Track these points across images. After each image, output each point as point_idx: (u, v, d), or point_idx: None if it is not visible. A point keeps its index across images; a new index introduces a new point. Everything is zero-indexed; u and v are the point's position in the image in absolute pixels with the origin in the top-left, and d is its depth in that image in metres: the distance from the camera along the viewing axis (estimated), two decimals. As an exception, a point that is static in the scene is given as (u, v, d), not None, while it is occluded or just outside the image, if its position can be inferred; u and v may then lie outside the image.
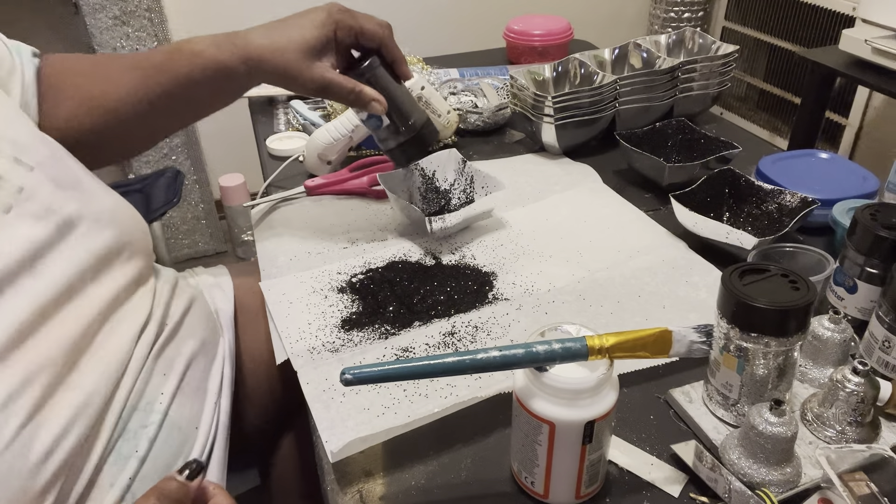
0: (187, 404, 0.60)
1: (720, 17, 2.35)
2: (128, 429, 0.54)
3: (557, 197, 0.88)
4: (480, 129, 1.05)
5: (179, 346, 0.62)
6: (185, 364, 0.61)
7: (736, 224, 0.79)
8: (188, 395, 0.60)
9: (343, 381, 0.44)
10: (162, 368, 0.59)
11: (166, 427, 0.57)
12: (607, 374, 0.44)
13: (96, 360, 0.53)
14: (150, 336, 0.59)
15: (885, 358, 0.55)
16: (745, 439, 0.48)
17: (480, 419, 0.56)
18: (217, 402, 0.64)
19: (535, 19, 1.34)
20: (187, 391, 0.60)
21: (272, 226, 0.84)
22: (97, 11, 1.79)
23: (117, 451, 0.53)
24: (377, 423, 0.55)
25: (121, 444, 0.53)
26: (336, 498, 0.51)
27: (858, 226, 0.59)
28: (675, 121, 0.94)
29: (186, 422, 0.59)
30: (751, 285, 0.49)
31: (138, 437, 0.54)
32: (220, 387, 0.65)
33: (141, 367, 0.57)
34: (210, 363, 0.66)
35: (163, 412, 0.57)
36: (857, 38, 1.47)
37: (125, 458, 0.53)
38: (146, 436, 0.55)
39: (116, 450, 0.53)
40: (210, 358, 0.66)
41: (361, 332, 0.66)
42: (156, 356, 0.59)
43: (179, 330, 0.63)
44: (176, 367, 0.60)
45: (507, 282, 0.72)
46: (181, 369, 0.61)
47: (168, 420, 0.57)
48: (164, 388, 0.58)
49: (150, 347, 0.58)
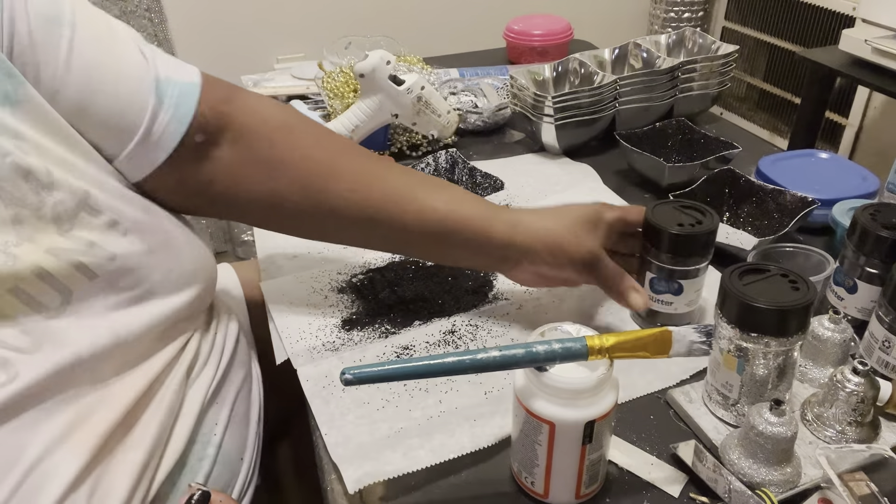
0: (236, 434, 0.58)
1: (720, 17, 2.35)
2: (187, 464, 0.52)
3: (557, 197, 0.88)
4: (480, 129, 1.05)
5: (232, 377, 0.60)
6: (235, 393, 0.59)
7: (736, 224, 0.79)
8: (237, 423, 0.58)
9: (343, 382, 0.44)
10: (217, 399, 0.57)
11: (220, 460, 0.55)
12: (607, 374, 0.44)
13: (156, 407, 0.51)
14: (210, 373, 0.56)
15: (885, 358, 0.55)
16: (745, 439, 0.48)
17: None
18: (258, 431, 0.62)
19: (535, 19, 1.34)
20: (236, 420, 0.58)
21: (272, 226, 0.84)
22: (97, 11, 1.79)
23: (176, 488, 0.51)
24: (379, 425, 0.55)
25: (181, 479, 0.52)
26: (336, 498, 0.51)
27: (858, 226, 0.59)
28: (675, 121, 0.94)
29: (234, 453, 0.57)
30: (751, 285, 0.49)
31: (194, 471, 0.53)
32: (259, 414, 0.64)
33: (200, 406, 0.54)
34: (250, 390, 0.63)
35: (217, 444, 0.55)
36: (857, 38, 1.47)
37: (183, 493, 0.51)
38: (202, 471, 0.53)
39: (176, 487, 0.51)
40: (250, 384, 0.64)
41: (361, 331, 0.66)
42: (215, 391, 0.57)
43: (233, 362, 0.61)
44: (227, 398, 0.58)
45: (507, 281, 0.72)
46: (231, 399, 0.58)
47: (222, 453, 0.55)
48: (218, 419, 0.56)
49: (208, 385, 0.56)
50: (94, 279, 0.46)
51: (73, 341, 0.45)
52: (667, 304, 0.62)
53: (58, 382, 0.44)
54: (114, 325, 0.48)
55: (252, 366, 0.67)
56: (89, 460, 0.45)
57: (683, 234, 0.58)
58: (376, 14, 2.03)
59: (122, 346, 0.48)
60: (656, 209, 0.61)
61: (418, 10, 2.11)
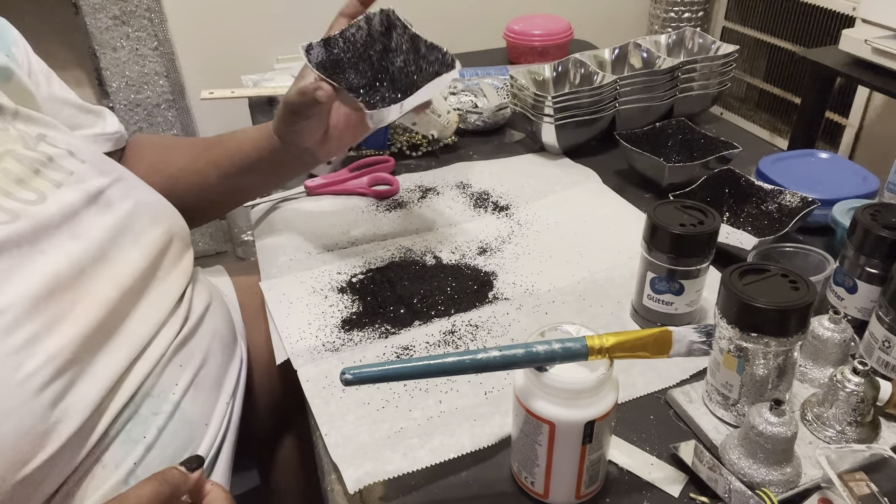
0: (200, 399, 0.60)
1: (720, 17, 2.35)
2: (139, 413, 0.55)
3: (557, 197, 0.88)
4: (480, 129, 1.05)
5: (199, 340, 0.63)
6: (202, 359, 0.62)
7: (736, 224, 0.79)
8: (202, 390, 0.61)
9: (343, 382, 0.44)
10: (179, 360, 0.59)
11: (176, 418, 0.57)
12: (607, 374, 0.44)
13: (124, 335, 0.55)
14: (175, 326, 0.60)
15: (885, 358, 0.55)
16: (745, 439, 0.48)
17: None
18: (230, 402, 0.64)
19: (535, 19, 1.34)
20: (202, 386, 0.61)
21: (272, 226, 0.84)
22: (97, 11, 1.79)
23: (126, 432, 0.53)
24: (380, 425, 0.55)
25: (130, 426, 0.54)
26: (336, 498, 0.51)
27: (858, 226, 0.59)
28: (675, 121, 0.94)
29: (197, 417, 0.59)
30: (751, 285, 0.49)
31: (148, 423, 0.55)
32: (235, 387, 0.66)
33: (161, 354, 0.57)
34: (228, 362, 0.66)
35: (175, 403, 0.57)
36: (857, 38, 1.47)
37: (133, 441, 0.53)
38: (156, 424, 0.55)
39: (126, 431, 0.53)
40: (228, 357, 0.67)
41: (362, 331, 0.66)
42: (177, 347, 0.59)
43: (201, 325, 0.64)
44: (193, 361, 0.61)
45: (507, 282, 0.72)
46: (197, 364, 0.61)
47: (179, 411, 0.57)
48: (179, 380, 0.59)
49: (173, 337, 0.59)
50: (60, 187, 0.55)
51: (46, 220, 0.53)
52: (667, 304, 0.62)
53: (28, 244, 0.51)
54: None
55: (238, 344, 0.70)
56: (76, 350, 0.50)
57: (685, 234, 0.58)
58: (376, 14, 2.02)
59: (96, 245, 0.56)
60: (658, 209, 0.61)
61: (418, 10, 2.10)
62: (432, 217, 0.85)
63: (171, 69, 1.91)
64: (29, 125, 0.58)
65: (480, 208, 0.87)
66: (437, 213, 0.86)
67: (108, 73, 1.88)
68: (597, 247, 0.78)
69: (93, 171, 0.59)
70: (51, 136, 0.59)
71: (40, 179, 0.54)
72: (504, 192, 0.90)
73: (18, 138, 0.56)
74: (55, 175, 0.56)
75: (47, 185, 0.55)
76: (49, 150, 0.57)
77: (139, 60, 1.88)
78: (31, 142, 0.56)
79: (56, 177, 0.56)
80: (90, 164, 0.59)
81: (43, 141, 0.57)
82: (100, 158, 0.62)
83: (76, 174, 0.57)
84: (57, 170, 0.56)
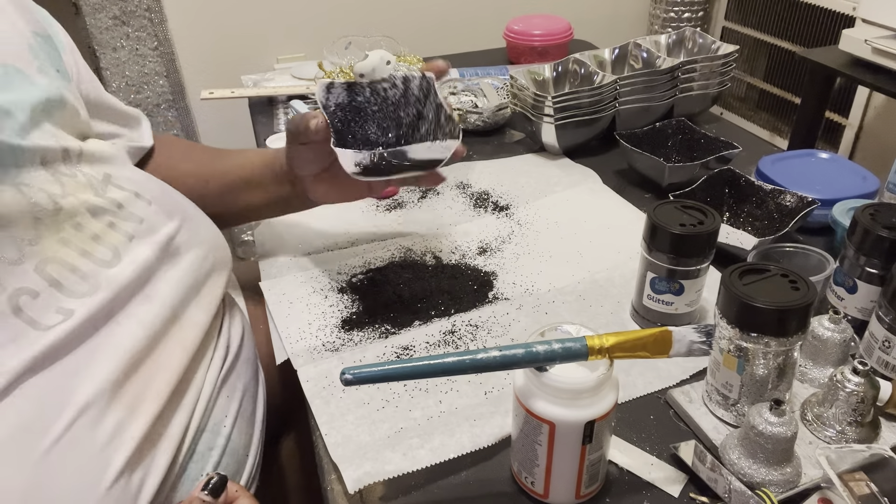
0: (244, 429, 0.60)
1: (720, 17, 2.35)
2: (197, 451, 0.54)
3: (557, 197, 0.88)
4: (480, 129, 1.05)
5: (240, 370, 0.62)
6: (243, 389, 0.62)
7: (736, 224, 0.79)
8: (245, 419, 0.61)
9: (343, 382, 0.44)
10: (226, 391, 0.59)
11: (228, 451, 0.57)
12: (607, 374, 0.44)
13: (190, 394, 0.54)
14: (219, 359, 0.59)
15: (885, 358, 0.55)
16: (745, 439, 0.47)
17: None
18: (262, 430, 0.64)
19: (535, 19, 1.34)
20: (244, 416, 0.61)
21: (272, 226, 0.84)
22: (97, 11, 1.79)
23: (187, 474, 0.53)
24: (379, 425, 0.55)
25: (191, 467, 0.53)
26: (336, 498, 0.51)
27: (858, 226, 0.59)
28: (675, 121, 0.94)
29: (242, 448, 0.59)
30: (751, 285, 0.49)
31: (205, 459, 0.55)
32: (263, 414, 0.66)
33: (212, 390, 0.57)
34: (257, 389, 0.66)
35: (227, 436, 0.57)
36: (857, 38, 1.47)
37: (192, 480, 0.53)
38: (212, 460, 0.55)
39: (187, 473, 0.53)
40: (257, 383, 0.66)
41: (362, 331, 0.66)
42: (223, 379, 0.59)
43: (240, 355, 0.63)
44: (237, 392, 0.61)
45: (507, 282, 0.72)
46: (240, 394, 0.61)
47: (230, 445, 0.57)
48: (228, 411, 0.58)
49: (219, 370, 0.59)
50: (132, 239, 0.53)
51: (124, 286, 0.51)
52: (667, 304, 0.62)
53: (105, 319, 0.49)
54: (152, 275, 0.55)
55: (258, 366, 0.69)
56: (156, 427, 0.49)
57: (685, 234, 0.58)
58: (376, 14, 2.02)
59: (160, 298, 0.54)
60: (658, 209, 0.61)
61: (418, 10, 2.10)
62: (432, 217, 0.85)
63: (171, 69, 1.91)
64: (94, 166, 0.54)
65: (480, 208, 0.87)
66: (437, 213, 0.86)
67: (108, 73, 1.88)
68: (597, 247, 0.78)
69: (160, 215, 0.57)
70: (115, 176, 0.55)
71: (114, 233, 0.52)
72: (504, 192, 0.90)
73: (87, 185, 0.52)
74: (127, 226, 0.53)
75: (120, 240, 0.52)
76: (117, 196, 0.54)
77: (139, 60, 1.88)
78: (99, 187, 0.53)
79: (128, 228, 0.53)
80: (157, 206, 0.57)
81: (110, 183, 0.54)
82: (163, 194, 0.60)
83: (146, 222, 0.55)
84: (127, 218, 0.54)
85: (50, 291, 0.47)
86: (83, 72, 0.62)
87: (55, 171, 0.50)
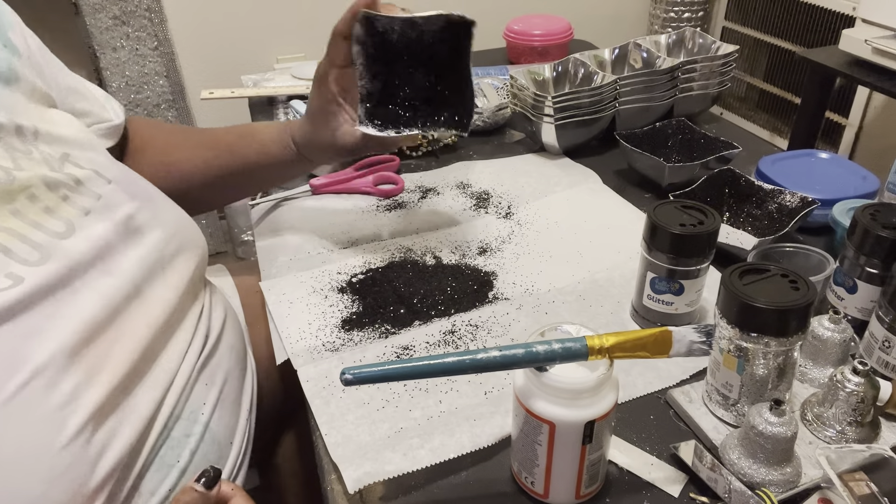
0: (225, 417, 0.60)
1: (720, 17, 2.35)
2: (172, 436, 0.54)
3: (557, 197, 0.88)
4: (480, 129, 1.05)
5: (220, 357, 0.62)
6: (224, 376, 0.62)
7: (736, 224, 0.79)
8: (226, 407, 0.61)
9: (343, 382, 0.44)
10: (205, 379, 0.59)
11: (207, 439, 0.57)
12: (607, 374, 0.44)
13: (157, 370, 0.54)
14: (197, 345, 0.59)
15: (885, 358, 0.55)
16: (745, 439, 0.48)
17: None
18: (249, 419, 0.64)
19: (535, 19, 1.34)
20: (226, 404, 0.61)
21: (272, 225, 0.84)
22: (97, 11, 1.79)
23: (161, 458, 0.53)
24: (379, 425, 0.55)
25: (164, 451, 0.53)
26: (336, 498, 0.51)
27: (858, 226, 0.59)
28: (675, 121, 0.94)
29: (223, 436, 0.59)
30: (751, 285, 0.49)
31: (181, 446, 0.55)
32: (251, 402, 0.66)
33: (188, 375, 0.57)
34: (243, 376, 0.66)
35: (205, 423, 0.57)
36: (857, 38, 1.47)
37: (168, 466, 0.53)
38: (188, 447, 0.55)
39: (160, 457, 0.53)
40: (243, 370, 0.66)
41: (362, 331, 0.66)
42: (202, 366, 0.59)
43: (220, 341, 0.63)
44: (217, 379, 0.60)
45: (507, 282, 0.72)
46: (221, 381, 0.61)
47: (209, 432, 0.57)
48: (206, 399, 0.58)
49: (197, 356, 0.59)
50: (88, 214, 0.53)
51: (78, 259, 0.51)
52: (667, 304, 0.62)
53: (62, 287, 0.49)
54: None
55: (247, 356, 0.69)
56: (115, 397, 0.49)
57: (685, 234, 0.58)
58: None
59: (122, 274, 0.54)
60: (658, 209, 0.61)
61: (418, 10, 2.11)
62: (432, 217, 0.85)
63: (171, 69, 1.91)
64: (52, 146, 0.54)
65: (480, 208, 0.87)
66: (437, 213, 0.86)
67: (108, 73, 1.88)
68: (597, 247, 0.78)
69: (120, 194, 0.57)
70: (74, 155, 0.56)
71: (68, 207, 0.52)
72: (504, 191, 0.90)
73: (43, 161, 0.52)
74: (83, 201, 0.53)
75: (75, 213, 0.52)
76: (75, 172, 0.54)
77: (139, 60, 1.88)
78: (55, 164, 0.53)
79: (84, 203, 0.53)
80: (116, 185, 0.57)
81: (67, 161, 0.54)
82: (125, 176, 0.60)
83: (104, 198, 0.55)
84: (84, 194, 0.54)
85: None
86: (34, 49, 0.61)
87: (8, 146, 0.51)
